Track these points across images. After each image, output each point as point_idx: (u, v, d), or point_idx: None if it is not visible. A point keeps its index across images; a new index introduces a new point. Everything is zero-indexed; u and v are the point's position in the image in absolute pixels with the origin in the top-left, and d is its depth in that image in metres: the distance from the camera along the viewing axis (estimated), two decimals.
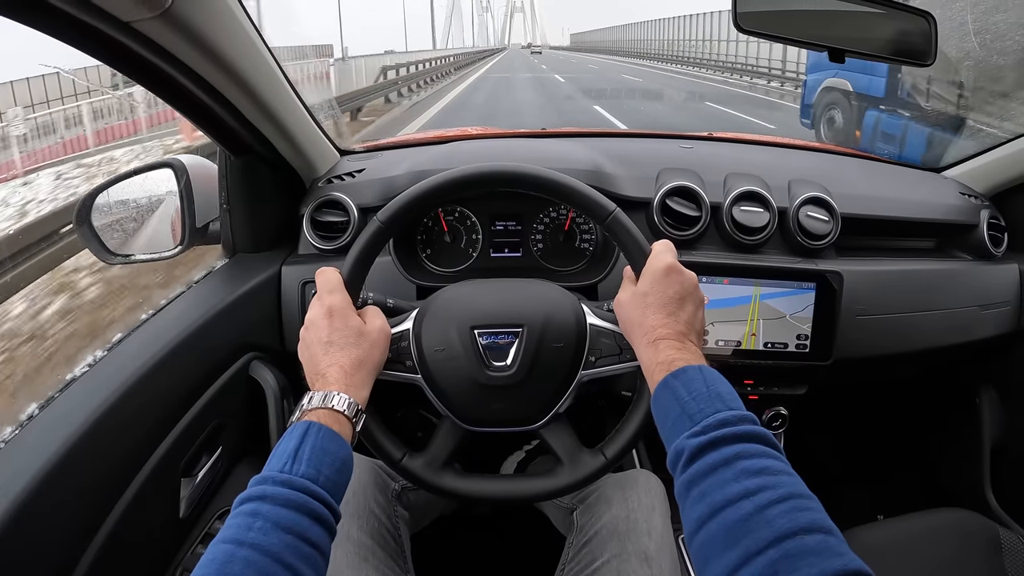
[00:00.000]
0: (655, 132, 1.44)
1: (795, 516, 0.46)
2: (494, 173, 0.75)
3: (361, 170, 1.12)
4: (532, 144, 1.30)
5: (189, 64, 0.72)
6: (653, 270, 0.68)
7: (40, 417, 0.68)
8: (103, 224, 0.95)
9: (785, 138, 1.46)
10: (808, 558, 0.43)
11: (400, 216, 0.74)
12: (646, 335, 0.65)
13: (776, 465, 0.50)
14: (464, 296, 0.79)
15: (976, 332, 1.16)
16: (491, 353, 0.74)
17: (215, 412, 0.86)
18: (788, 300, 1.03)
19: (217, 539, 0.50)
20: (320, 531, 0.53)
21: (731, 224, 1.06)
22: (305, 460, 0.55)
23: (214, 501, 0.89)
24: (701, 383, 0.58)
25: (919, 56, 0.93)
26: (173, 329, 0.83)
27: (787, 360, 1.05)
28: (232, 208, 1.01)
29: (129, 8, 0.60)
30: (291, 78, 0.93)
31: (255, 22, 0.79)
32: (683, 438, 0.54)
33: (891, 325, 1.10)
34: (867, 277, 1.08)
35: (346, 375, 0.65)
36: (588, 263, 1.10)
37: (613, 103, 14.19)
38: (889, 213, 1.16)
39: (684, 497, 0.52)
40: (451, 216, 1.10)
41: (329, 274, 0.71)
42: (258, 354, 0.96)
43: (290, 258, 1.05)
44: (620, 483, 0.90)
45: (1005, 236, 1.22)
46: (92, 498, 0.66)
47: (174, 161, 0.97)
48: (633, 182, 1.09)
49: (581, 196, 0.74)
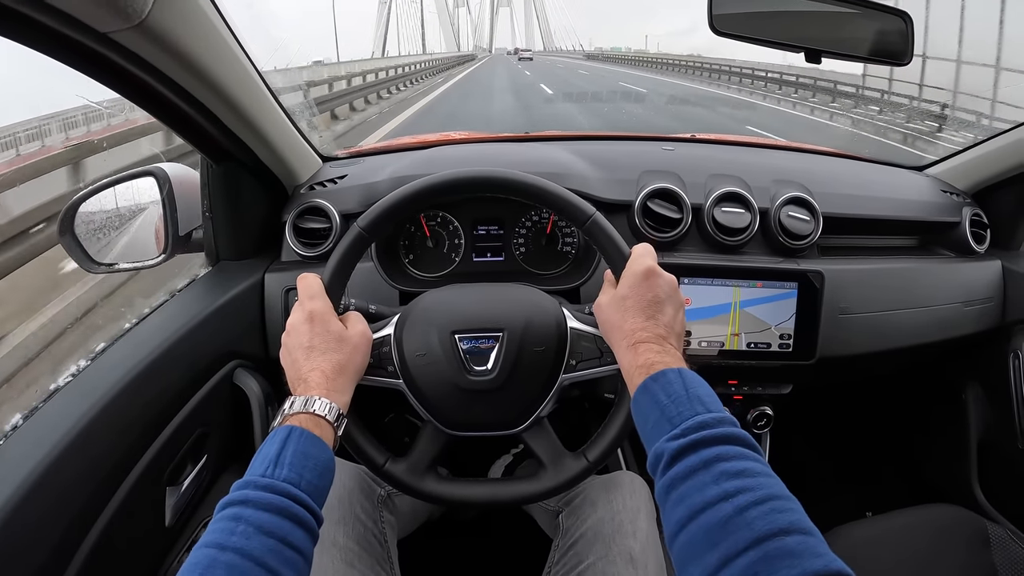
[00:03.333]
0: (636, 135, 1.45)
1: (774, 517, 0.46)
2: (474, 178, 0.76)
3: (343, 176, 1.12)
4: (513, 148, 1.30)
5: (168, 73, 0.72)
6: (632, 273, 0.69)
7: (24, 427, 0.68)
8: (86, 233, 0.95)
9: (766, 138, 1.47)
10: (788, 559, 0.43)
11: (380, 222, 0.75)
12: (625, 338, 0.66)
13: (755, 467, 0.51)
14: (445, 301, 0.80)
15: (960, 328, 1.17)
16: (472, 358, 0.75)
17: (200, 420, 0.86)
18: (770, 307, 1.04)
19: (200, 544, 0.50)
20: (302, 535, 0.53)
21: (713, 225, 1.06)
22: (287, 464, 0.56)
23: (200, 509, 0.89)
24: (680, 386, 0.58)
25: (896, 56, 0.93)
26: (157, 338, 0.83)
27: (771, 360, 1.05)
28: (215, 216, 1.01)
29: (106, 19, 0.60)
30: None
31: (233, 30, 0.80)
32: (662, 441, 0.54)
33: (874, 323, 1.10)
34: (849, 276, 1.08)
35: (327, 380, 0.65)
36: (570, 266, 1.11)
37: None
38: (871, 212, 1.17)
39: (664, 500, 0.53)
40: (433, 221, 1.10)
41: (310, 280, 0.72)
42: (242, 362, 0.96)
43: (273, 265, 1.05)
44: (605, 485, 0.90)
45: (988, 233, 1.23)
46: (77, 508, 0.66)
47: (156, 170, 0.97)
48: (614, 185, 1.10)
49: (560, 200, 0.75)
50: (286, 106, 0.99)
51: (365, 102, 14.87)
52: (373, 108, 14.66)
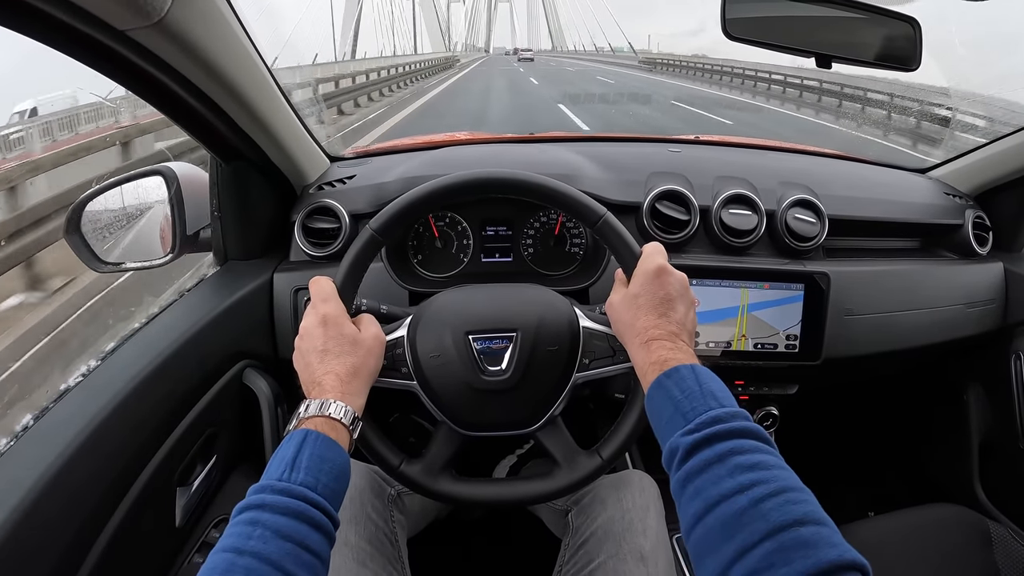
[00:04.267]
0: (643, 136, 1.45)
1: (789, 509, 0.46)
2: (486, 179, 0.76)
3: (352, 176, 1.12)
4: (521, 149, 1.30)
5: (182, 72, 0.72)
6: (644, 272, 0.69)
7: (35, 428, 0.68)
8: (93, 232, 0.94)
9: (772, 140, 1.47)
10: (803, 549, 0.44)
11: (393, 224, 0.74)
12: (638, 336, 0.66)
13: (769, 460, 0.51)
14: (458, 302, 0.80)
15: (962, 330, 1.18)
16: (486, 358, 0.75)
17: (209, 420, 0.86)
18: (777, 312, 1.04)
19: (217, 548, 0.50)
20: (320, 538, 0.53)
21: (720, 227, 1.07)
22: (303, 468, 0.55)
23: (210, 510, 0.89)
24: (694, 382, 0.58)
25: (904, 61, 0.94)
26: (166, 338, 0.83)
27: (777, 360, 1.06)
28: (223, 215, 1.00)
29: (124, 17, 0.60)
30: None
31: (247, 30, 0.79)
32: (677, 436, 0.55)
33: (879, 324, 1.11)
34: (854, 277, 1.09)
35: (342, 383, 0.65)
36: (579, 267, 1.11)
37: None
38: (875, 214, 1.18)
39: (680, 494, 0.53)
40: (442, 222, 1.10)
41: (323, 283, 0.71)
42: (251, 361, 0.96)
43: (281, 265, 1.04)
44: (614, 484, 0.90)
45: (990, 235, 1.24)
46: (89, 509, 0.66)
47: (164, 169, 0.96)
48: (622, 186, 1.10)
49: (571, 200, 0.75)
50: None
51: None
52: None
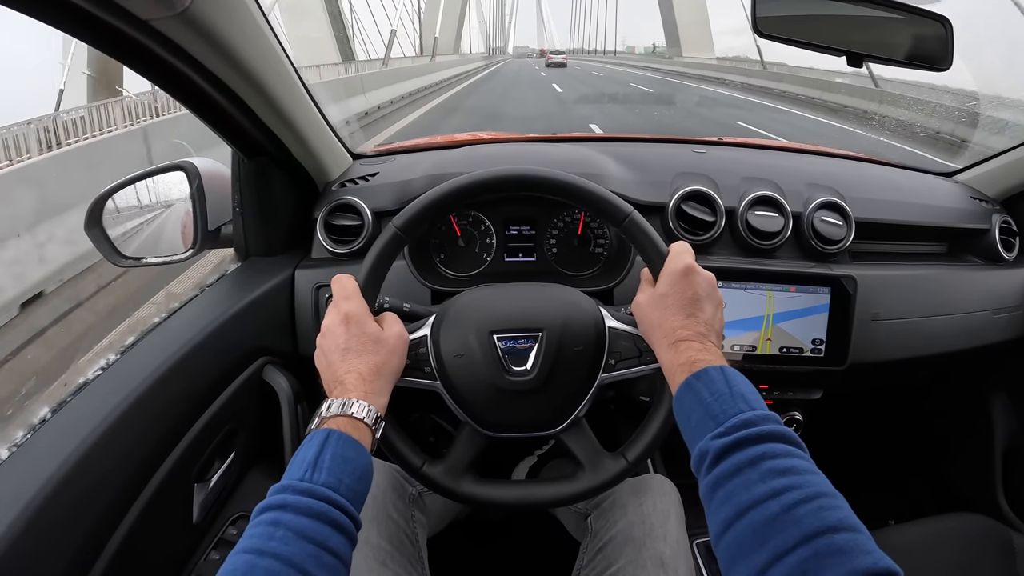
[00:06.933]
0: (667, 137, 1.44)
1: (823, 515, 0.45)
2: (512, 177, 0.75)
3: (375, 174, 1.11)
4: (545, 148, 1.29)
5: (206, 64, 0.71)
6: (671, 271, 0.68)
7: (53, 421, 0.67)
8: (114, 226, 0.94)
9: (796, 143, 1.46)
10: (837, 557, 0.43)
11: (417, 221, 0.73)
12: (666, 336, 0.65)
13: (802, 464, 0.50)
14: (482, 301, 0.78)
15: (988, 336, 1.16)
16: (510, 358, 0.74)
17: (228, 417, 0.86)
18: (803, 323, 1.03)
19: (238, 548, 0.49)
20: (341, 540, 0.52)
21: (746, 229, 1.05)
22: (325, 468, 0.54)
23: (227, 506, 0.88)
24: (723, 383, 0.57)
25: (935, 61, 0.92)
26: (186, 333, 0.82)
27: (802, 365, 1.04)
28: (245, 211, 1.00)
29: (149, 6, 0.60)
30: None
31: (272, 24, 0.79)
32: (707, 439, 0.54)
33: (905, 329, 1.09)
34: (881, 282, 1.08)
35: (364, 382, 0.64)
36: (602, 268, 1.10)
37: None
38: (902, 218, 1.16)
39: (709, 499, 0.52)
40: (464, 220, 1.09)
41: (345, 281, 0.70)
42: (271, 358, 0.95)
43: (303, 262, 1.04)
44: (635, 488, 0.89)
45: (1017, 240, 1.22)
46: (106, 503, 0.65)
47: (186, 164, 0.96)
48: (648, 187, 1.09)
49: (598, 199, 0.74)
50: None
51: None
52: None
